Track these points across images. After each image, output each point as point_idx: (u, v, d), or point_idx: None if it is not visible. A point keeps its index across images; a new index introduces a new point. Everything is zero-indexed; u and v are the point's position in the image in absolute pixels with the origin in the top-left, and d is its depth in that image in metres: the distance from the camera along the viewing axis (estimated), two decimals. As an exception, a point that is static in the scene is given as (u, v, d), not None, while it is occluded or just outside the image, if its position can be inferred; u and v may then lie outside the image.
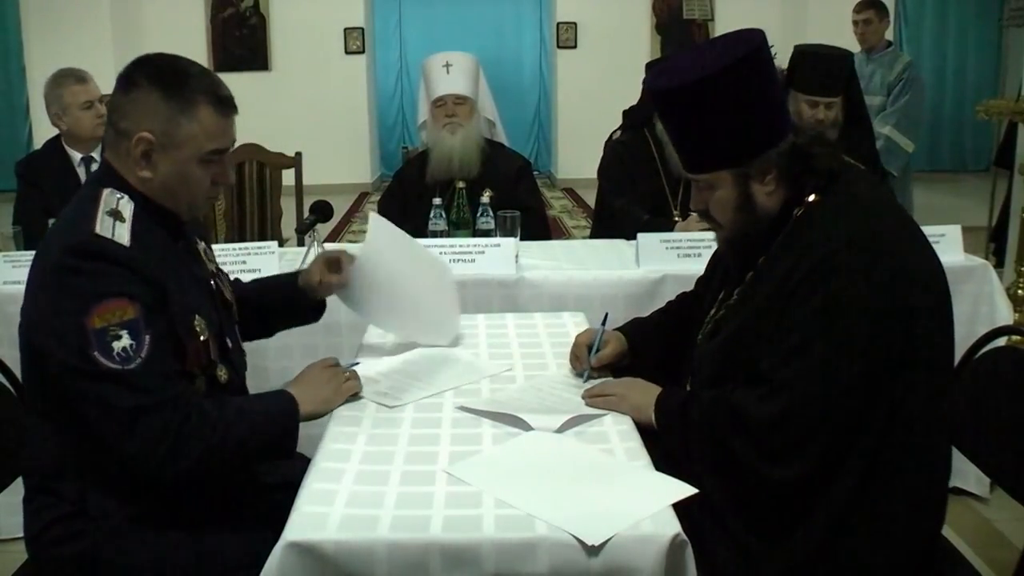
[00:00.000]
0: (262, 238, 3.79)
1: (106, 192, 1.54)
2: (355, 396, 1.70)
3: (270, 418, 1.58)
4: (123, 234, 1.50)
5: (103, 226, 1.49)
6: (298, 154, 4.03)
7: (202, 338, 1.59)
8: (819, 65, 3.21)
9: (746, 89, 1.51)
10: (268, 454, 1.62)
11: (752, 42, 1.52)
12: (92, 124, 3.32)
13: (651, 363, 1.88)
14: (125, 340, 1.43)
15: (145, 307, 1.46)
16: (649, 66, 3.52)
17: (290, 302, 1.97)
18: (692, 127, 1.56)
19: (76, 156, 3.36)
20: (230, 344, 1.72)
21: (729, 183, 1.56)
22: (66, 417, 1.49)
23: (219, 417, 1.50)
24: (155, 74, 1.54)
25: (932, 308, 1.48)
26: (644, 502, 1.29)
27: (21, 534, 1.61)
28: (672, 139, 1.66)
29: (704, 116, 1.53)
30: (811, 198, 1.56)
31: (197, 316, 1.59)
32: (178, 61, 1.59)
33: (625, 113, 3.59)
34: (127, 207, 1.54)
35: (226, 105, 1.58)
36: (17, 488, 1.65)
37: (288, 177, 4.01)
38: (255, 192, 3.96)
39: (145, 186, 1.57)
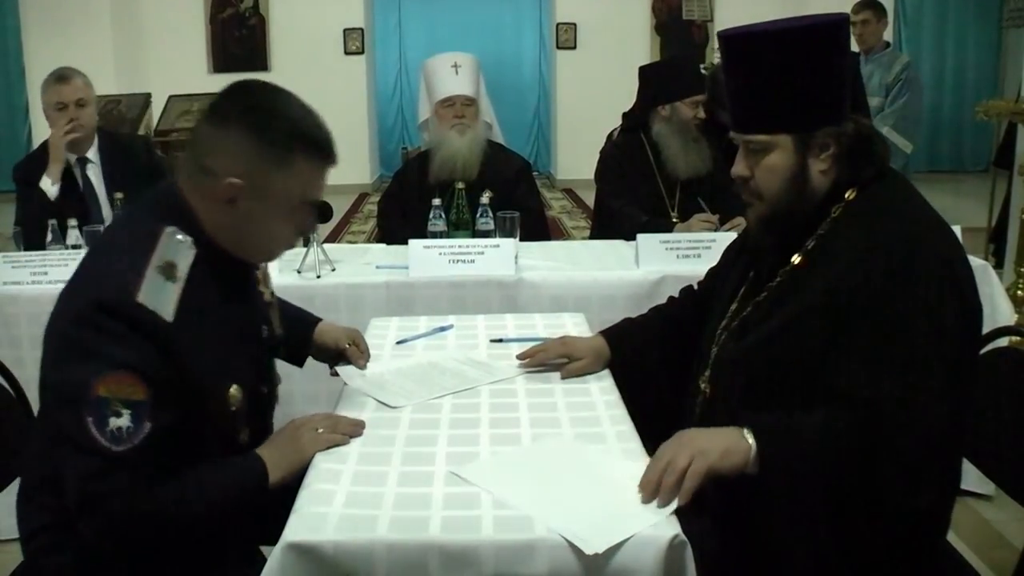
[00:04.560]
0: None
1: (167, 232, 1.41)
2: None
3: (235, 494, 1.45)
4: (168, 302, 1.37)
5: (148, 291, 1.36)
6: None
7: (232, 409, 1.49)
8: None
9: (826, 54, 1.49)
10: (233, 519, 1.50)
11: (838, 16, 1.52)
12: (61, 127, 3.17)
13: (639, 375, 1.81)
14: (124, 420, 1.32)
15: (158, 394, 1.35)
16: (642, 69, 3.53)
17: (295, 339, 1.86)
18: (766, 79, 1.51)
19: (71, 157, 3.29)
20: (265, 390, 1.62)
21: (789, 149, 1.51)
22: None
23: (171, 503, 1.38)
24: (250, 115, 1.43)
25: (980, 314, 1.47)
26: (646, 510, 1.29)
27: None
28: (736, 92, 1.57)
29: (781, 69, 1.49)
30: (849, 195, 1.52)
31: (234, 387, 1.49)
32: (276, 99, 1.48)
33: (625, 115, 3.60)
34: (187, 256, 1.42)
35: (326, 154, 1.49)
36: (16, 489, 1.64)
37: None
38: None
39: (220, 230, 1.46)
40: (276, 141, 1.42)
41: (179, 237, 1.42)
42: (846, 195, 1.53)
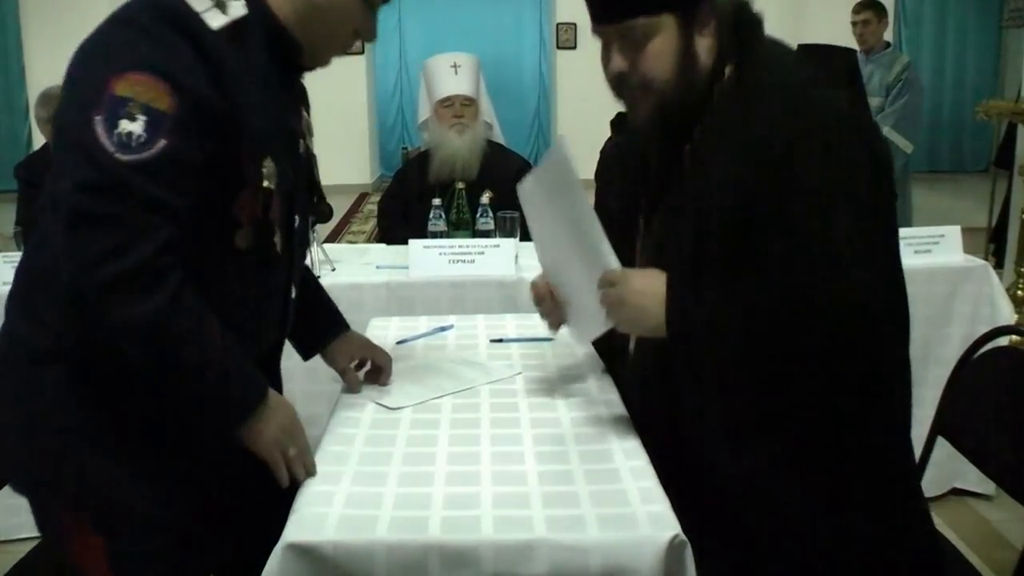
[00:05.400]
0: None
1: None
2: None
3: (228, 389, 1.32)
4: (216, 18, 1.24)
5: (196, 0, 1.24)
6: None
7: (265, 184, 1.32)
8: (823, 57, 3.25)
9: None
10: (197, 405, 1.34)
11: None
12: None
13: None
14: (137, 127, 1.16)
15: (185, 115, 1.19)
16: None
17: (308, 340, 1.76)
18: None
19: None
20: (297, 222, 1.47)
21: (672, 29, 1.39)
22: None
23: (189, 323, 1.22)
24: None
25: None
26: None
27: (21, 535, 1.60)
28: None
29: None
30: (728, 71, 1.42)
31: (268, 159, 1.33)
32: None
33: (613, 123, 3.60)
34: (238, 8, 1.28)
35: None
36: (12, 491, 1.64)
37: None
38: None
39: (290, 6, 1.35)
40: None
41: None
42: (725, 71, 1.42)
